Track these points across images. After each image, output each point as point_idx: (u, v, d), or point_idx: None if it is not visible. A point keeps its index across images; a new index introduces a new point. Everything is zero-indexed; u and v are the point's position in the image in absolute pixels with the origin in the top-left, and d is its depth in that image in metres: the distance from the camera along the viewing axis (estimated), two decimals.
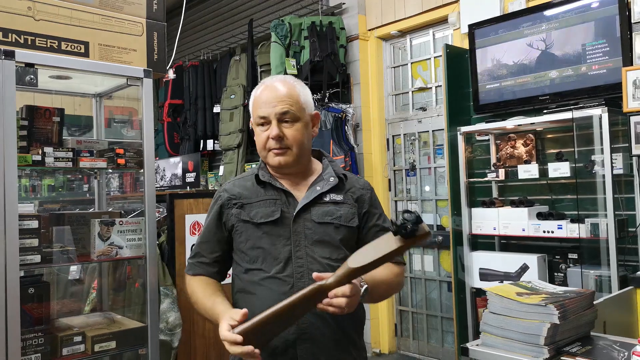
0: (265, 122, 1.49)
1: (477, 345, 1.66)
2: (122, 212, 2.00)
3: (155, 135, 6.14)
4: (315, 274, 1.30)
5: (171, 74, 5.80)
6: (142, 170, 1.84)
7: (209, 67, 5.68)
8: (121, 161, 1.79)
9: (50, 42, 1.70)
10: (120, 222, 1.83)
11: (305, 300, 1.26)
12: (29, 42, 1.67)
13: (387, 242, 1.27)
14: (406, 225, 1.22)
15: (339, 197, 1.54)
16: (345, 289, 1.27)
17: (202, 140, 5.55)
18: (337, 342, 1.47)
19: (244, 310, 1.30)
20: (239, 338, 1.24)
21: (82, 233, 1.83)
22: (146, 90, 1.85)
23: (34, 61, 1.62)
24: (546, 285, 1.81)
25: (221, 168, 5.32)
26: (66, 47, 1.73)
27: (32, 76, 1.58)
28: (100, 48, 1.79)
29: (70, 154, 1.71)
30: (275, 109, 1.48)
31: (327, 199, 1.53)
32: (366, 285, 1.39)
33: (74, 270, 2.95)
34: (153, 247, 1.85)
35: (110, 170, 2.22)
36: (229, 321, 1.28)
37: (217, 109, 5.41)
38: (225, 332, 1.26)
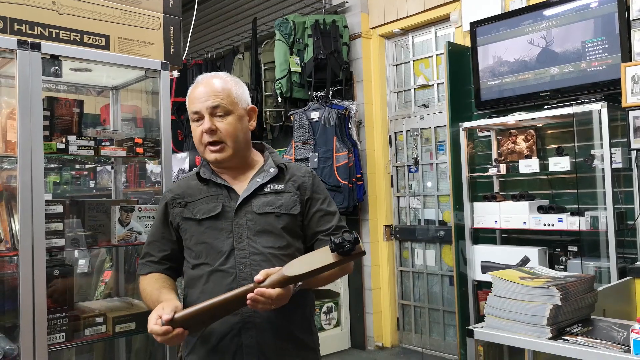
0: (198, 117, 1.53)
1: (482, 327, 1.73)
2: (138, 200, 2.07)
3: None
4: (256, 277, 1.33)
5: (175, 73, 5.83)
6: (159, 160, 1.91)
7: (212, 66, 5.73)
8: (140, 150, 1.85)
9: (74, 35, 1.77)
10: (140, 209, 1.89)
11: (237, 299, 1.32)
12: (53, 35, 1.74)
13: (323, 256, 1.35)
14: (344, 244, 1.31)
15: (279, 187, 1.58)
16: (272, 292, 1.30)
17: None
18: (280, 331, 1.49)
19: (176, 304, 1.34)
20: (165, 329, 1.28)
21: (102, 220, 1.90)
22: (164, 82, 1.92)
23: (59, 53, 1.69)
24: (548, 270, 1.88)
25: None
26: (88, 40, 1.80)
27: (56, 67, 1.65)
28: (120, 41, 1.86)
29: (92, 143, 1.78)
30: (206, 103, 1.52)
31: (267, 189, 1.56)
32: (300, 283, 1.41)
33: (82, 263, 3.01)
34: None
35: (124, 164, 2.28)
36: (158, 311, 1.32)
37: None
38: (152, 325, 1.31)
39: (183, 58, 2.03)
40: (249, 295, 1.31)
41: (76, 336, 1.73)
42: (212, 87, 1.54)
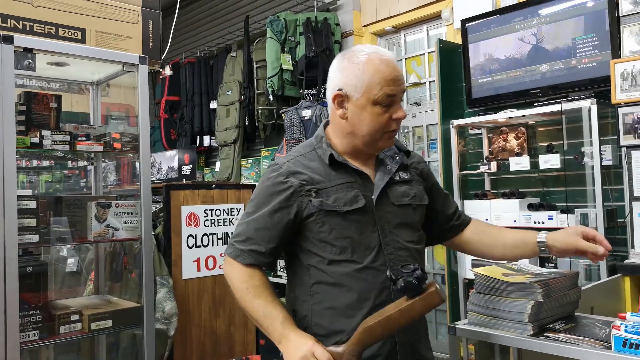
0: (391, 101, 1.38)
1: (464, 324, 1.70)
2: (118, 197, 2.05)
3: (152, 132, 6.18)
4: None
5: (168, 71, 5.84)
6: (137, 155, 1.88)
7: (205, 64, 5.72)
8: (117, 145, 1.83)
9: (48, 29, 1.75)
10: (117, 205, 1.87)
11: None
12: (27, 28, 1.72)
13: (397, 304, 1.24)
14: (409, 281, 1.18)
15: (406, 175, 1.47)
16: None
17: (198, 137, 5.59)
18: (409, 350, 1.43)
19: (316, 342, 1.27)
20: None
21: (80, 216, 1.87)
22: (142, 77, 1.89)
23: (32, 46, 1.67)
24: (532, 267, 1.86)
25: (217, 164, 5.35)
26: (63, 34, 1.77)
27: (30, 61, 1.63)
28: (96, 35, 1.83)
29: (67, 137, 1.76)
30: (402, 87, 1.39)
31: (397, 178, 1.45)
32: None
33: (72, 262, 2.99)
34: (148, 230, 1.89)
35: (105, 160, 2.26)
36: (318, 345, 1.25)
37: (213, 105, 5.45)
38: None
39: (165, 52, 2.00)
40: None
41: (51, 334, 1.71)
42: (399, 69, 1.40)
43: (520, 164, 3.21)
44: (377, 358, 1.37)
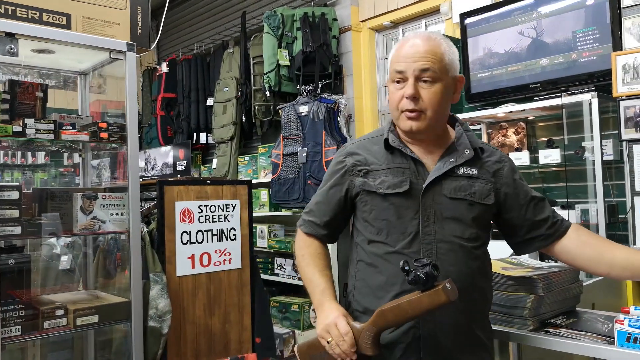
0: (401, 78, 1.36)
1: None
2: (106, 189, 2.00)
3: (149, 130, 6.12)
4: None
5: (164, 68, 5.79)
6: (125, 146, 1.83)
7: (202, 61, 5.67)
8: (104, 135, 1.78)
9: (32, 13, 1.69)
10: (104, 197, 1.82)
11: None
12: (10, 12, 1.66)
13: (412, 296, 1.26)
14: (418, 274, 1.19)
15: (473, 171, 1.41)
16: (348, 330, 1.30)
17: (195, 134, 5.54)
18: (460, 327, 1.37)
19: (346, 317, 1.33)
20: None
21: (66, 208, 1.82)
22: (129, 64, 1.84)
23: (15, 30, 1.60)
24: (532, 261, 1.81)
25: (214, 161, 5.30)
26: (47, 19, 1.72)
27: (12, 46, 1.57)
28: (82, 20, 1.78)
29: (51, 126, 1.70)
30: (416, 64, 1.34)
31: (460, 172, 1.40)
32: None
33: (65, 260, 2.93)
34: (137, 222, 1.84)
35: (96, 152, 2.20)
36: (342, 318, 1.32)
37: (210, 102, 5.40)
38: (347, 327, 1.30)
39: (155, 43, 1.95)
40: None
41: (34, 330, 1.65)
42: (424, 48, 1.36)
43: (519, 159, 3.16)
44: (399, 345, 1.37)
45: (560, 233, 1.47)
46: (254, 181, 4.36)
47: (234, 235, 2.83)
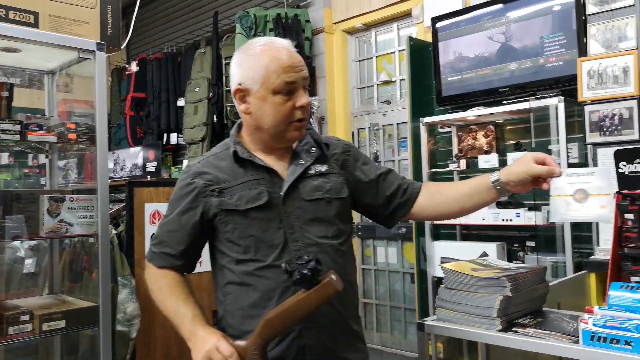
0: (291, 89, 1.34)
1: (432, 320, 1.67)
2: (74, 191, 1.95)
3: (117, 130, 6.01)
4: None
5: (134, 67, 5.70)
6: (94, 147, 1.80)
7: (173, 60, 5.60)
8: (72, 136, 1.74)
9: None
10: (71, 199, 1.78)
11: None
12: None
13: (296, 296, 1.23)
14: (304, 277, 1.17)
15: (324, 168, 1.43)
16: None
17: (165, 134, 5.46)
18: (338, 326, 1.40)
19: (223, 337, 1.27)
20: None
21: (32, 211, 1.77)
22: (99, 64, 1.80)
23: None
24: (501, 262, 1.84)
25: (185, 162, 5.24)
26: (14, 17, 1.67)
27: None
28: (50, 19, 1.74)
29: (17, 127, 1.66)
30: (301, 73, 1.34)
31: (312, 172, 1.41)
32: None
33: (29, 263, 2.86)
34: (106, 225, 1.80)
35: (63, 153, 2.15)
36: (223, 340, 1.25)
37: (181, 102, 5.33)
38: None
39: (125, 42, 1.92)
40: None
41: None
42: (298, 56, 1.36)
43: (489, 161, 3.22)
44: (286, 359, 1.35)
45: (415, 195, 1.53)
46: None
47: None
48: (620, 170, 1.74)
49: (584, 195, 1.35)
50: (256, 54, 1.35)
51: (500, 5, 3.34)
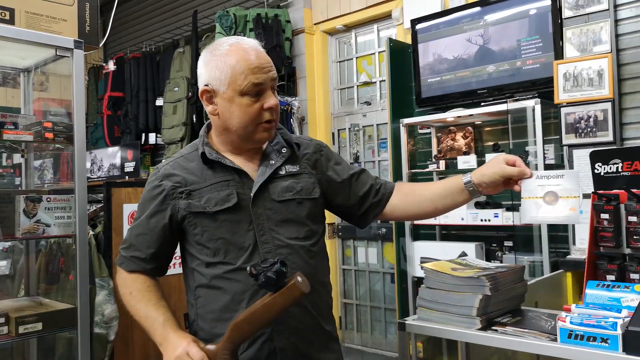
0: (259, 90, 1.32)
1: (413, 319, 1.68)
2: (51, 191, 1.92)
3: (95, 129, 5.92)
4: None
5: (111, 66, 5.62)
6: (72, 147, 1.76)
7: (151, 59, 5.54)
8: (49, 135, 1.71)
9: None
10: (48, 199, 1.74)
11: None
12: None
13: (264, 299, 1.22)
14: (270, 280, 1.16)
15: (295, 168, 1.41)
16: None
17: (144, 134, 5.40)
18: (311, 327, 1.39)
19: (194, 341, 1.26)
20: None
21: (7, 212, 1.73)
22: (77, 62, 1.77)
23: None
24: (480, 262, 1.86)
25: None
26: None
27: None
28: (27, 16, 1.70)
29: None
30: (270, 74, 1.33)
31: (283, 172, 1.40)
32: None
33: (4, 265, 2.81)
34: (83, 225, 1.77)
35: (39, 153, 2.11)
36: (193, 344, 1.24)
37: (159, 102, 5.28)
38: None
39: (103, 40, 1.89)
40: None
41: None
42: (266, 57, 1.33)
43: (467, 162, 3.26)
44: None
45: (387, 195, 1.52)
46: None
47: None
48: (596, 171, 1.77)
49: (554, 198, 1.38)
50: (223, 54, 1.33)
51: (478, 8, 3.38)
